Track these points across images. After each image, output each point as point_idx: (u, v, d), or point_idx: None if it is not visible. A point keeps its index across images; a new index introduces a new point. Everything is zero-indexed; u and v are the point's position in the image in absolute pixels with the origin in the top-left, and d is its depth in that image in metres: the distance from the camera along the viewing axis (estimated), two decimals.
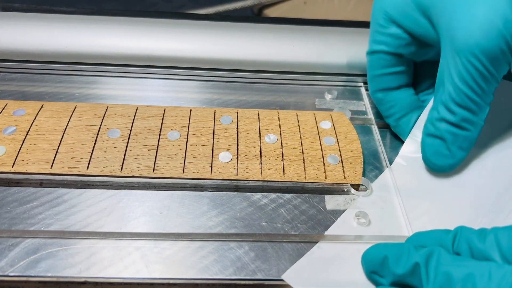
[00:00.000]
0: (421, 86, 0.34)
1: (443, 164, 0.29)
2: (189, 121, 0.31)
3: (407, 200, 0.29)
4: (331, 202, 0.28)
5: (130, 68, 0.37)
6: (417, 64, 0.34)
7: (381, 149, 0.32)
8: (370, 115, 0.35)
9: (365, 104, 0.36)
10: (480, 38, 0.25)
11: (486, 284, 0.19)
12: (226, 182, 0.29)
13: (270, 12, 0.62)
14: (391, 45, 0.31)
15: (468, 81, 0.27)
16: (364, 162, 0.30)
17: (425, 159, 0.30)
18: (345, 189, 0.29)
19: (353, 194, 0.29)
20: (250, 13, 0.64)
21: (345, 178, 0.29)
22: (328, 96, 0.37)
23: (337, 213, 0.28)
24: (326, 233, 0.27)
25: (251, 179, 0.28)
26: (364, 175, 0.30)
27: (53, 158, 0.28)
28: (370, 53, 0.32)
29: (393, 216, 0.28)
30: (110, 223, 0.26)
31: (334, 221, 0.27)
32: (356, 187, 0.29)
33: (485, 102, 0.27)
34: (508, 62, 0.26)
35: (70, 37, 0.36)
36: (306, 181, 0.29)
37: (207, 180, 0.29)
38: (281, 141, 0.31)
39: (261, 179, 0.29)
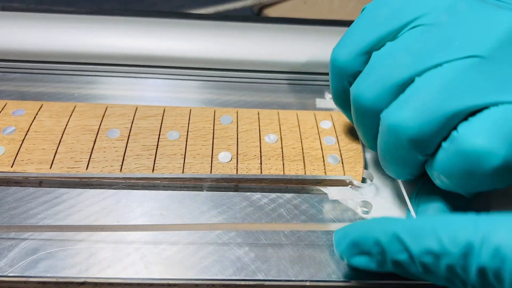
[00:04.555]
0: None
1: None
2: (188, 121, 0.31)
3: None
4: (334, 193, 0.28)
5: (129, 68, 0.37)
6: None
7: None
8: None
9: None
10: None
11: None
12: (226, 182, 0.29)
13: (270, 12, 0.61)
14: None
15: None
16: (365, 161, 0.30)
17: None
18: (348, 181, 0.29)
19: (356, 186, 0.29)
20: (250, 13, 0.64)
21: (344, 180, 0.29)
22: (328, 96, 0.37)
23: (338, 211, 0.28)
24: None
25: (251, 178, 0.28)
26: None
27: (52, 158, 0.28)
28: None
29: (396, 206, 0.28)
30: (110, 223, 0.26)
31: (334, 220, 0.27)
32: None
33: None
34: None
35: (70, 37, 0.36)
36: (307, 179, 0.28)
37: (207, 180, 0.29)
38: (281, 141, 0.31)
39: (261, 177, 0.28)
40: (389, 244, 0.20)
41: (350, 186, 0.29)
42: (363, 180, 0.29)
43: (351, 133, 0.32)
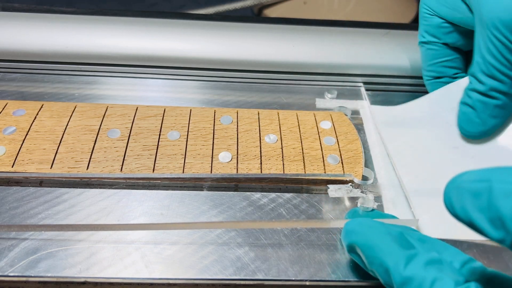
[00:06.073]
0: None
1: (474, 131, 0.30)
2: (189, 121, 0.31)
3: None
4: (334, 191, 0.28)
5: (130, 68, 0.37)
6: (468, 53, 0.34)
7: (379, 149, 0.32)
8: (370, 114, 0.35)
9: (365, 104, 0.36)
10: (502, 13, 0.27)
11: None
12: (226, 182, 0.29)
13: (270, 12, 0.62)
14: (436, 35, 0.33)
15: (493, 52, 0.28)
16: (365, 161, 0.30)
17: (459, 126, 0.31)
18: (348, 179, 0.29)
19: (356, 183, 0.29)
20: (250, 13, 0.64)
21: (345, 178, 0.29)
22: (328, 96, 0.37)
23: (337, 210, 0.28)
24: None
25: (251, 178, 0.28)
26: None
27: (53, 158, 0.28)
28: (420, 44, 0.34)
29: (397, 201, 0.28)
30: (110, 223, 0.26)
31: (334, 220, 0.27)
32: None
33: None
34: None
35: (70, 37, 0.36)
36: (307, 178, 0.29)
37: (207, 179, 0.29)
38: (281, 141, 0.31)
39: (261, 176, 0.29)
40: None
41: (350, 184, 0.29)
42: (363, 178, 0.29)
43: (351, 133, 0.32)
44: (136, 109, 0.32)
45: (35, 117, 0.30)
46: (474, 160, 0.30)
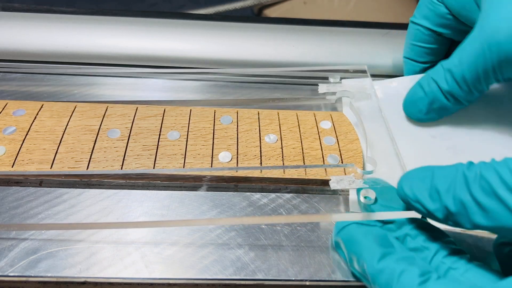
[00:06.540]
0: None
1: (412, 113, 0.32)
2: (189, 121, 0.31)
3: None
4: (336, 182, 0.28)
5: (130, 68, 0.37)
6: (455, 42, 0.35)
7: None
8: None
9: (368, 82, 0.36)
10: (502, 38, 0.26)
11: None
12: (225, 182, 0.29)
13: (270, 12, 0.62)
14: (434, 22, 0.32)
15: (474, 66, 0.28)
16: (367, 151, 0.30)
17: (404, 101, 0.33)
18: (350, 169, 0.29)
19: (359, 174, 0.29)
20: (250, 13, 0.64)
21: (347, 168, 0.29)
22: (331, 79, 0.36)
23: (337, 211, 0.28)
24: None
25: (251, 178, 0.28)
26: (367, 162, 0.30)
27: (53, 158, 0.28)
28: (412, 22, 0.34)
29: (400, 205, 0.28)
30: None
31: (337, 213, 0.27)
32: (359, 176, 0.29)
33: (476, 90, 0.29)
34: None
35: (70, 37, 0.36)
36: (307, 177, 0.29)
37: (207, 179, 0.29)
38: (281, 141, 0.31)
39: (260, 176, 0.29)
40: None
41: (353, 174, 0.29)
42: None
43: (351, 133, 0.32)
44: (136, 109, 0.32)
45: (35, 117, 0.30)
46: (436, 140, 0.31)
